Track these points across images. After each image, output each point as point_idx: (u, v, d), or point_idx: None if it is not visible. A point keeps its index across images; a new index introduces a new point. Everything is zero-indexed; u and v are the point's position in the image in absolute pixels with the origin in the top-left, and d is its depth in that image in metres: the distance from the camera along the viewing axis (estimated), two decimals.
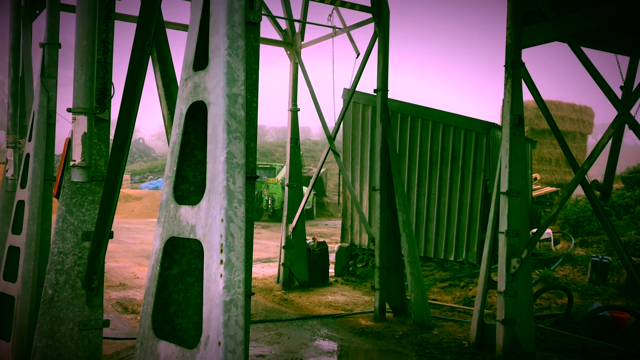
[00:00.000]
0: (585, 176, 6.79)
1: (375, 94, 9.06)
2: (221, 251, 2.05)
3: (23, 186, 6.21)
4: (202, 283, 2.60)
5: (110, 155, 3.90)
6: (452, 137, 11.70)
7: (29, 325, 5.71)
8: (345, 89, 12.85)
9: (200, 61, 2.47)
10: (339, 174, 14.41)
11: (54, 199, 6.56)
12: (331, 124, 10.61)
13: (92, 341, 4.63)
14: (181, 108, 2.46)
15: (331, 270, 12.41)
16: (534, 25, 7.54)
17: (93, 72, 4.29)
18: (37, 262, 5.94)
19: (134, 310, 8.95)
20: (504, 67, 7.03)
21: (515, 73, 6.96)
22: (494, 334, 7.06)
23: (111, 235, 4.49)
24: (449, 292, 10.60)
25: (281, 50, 11.68)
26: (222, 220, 2.07)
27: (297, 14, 11.46)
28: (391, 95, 9.25)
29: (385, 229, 8.92)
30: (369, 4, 9.25)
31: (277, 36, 11.61)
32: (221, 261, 2.03)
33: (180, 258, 2.60)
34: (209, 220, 2.13)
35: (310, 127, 79.79)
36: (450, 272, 11.37)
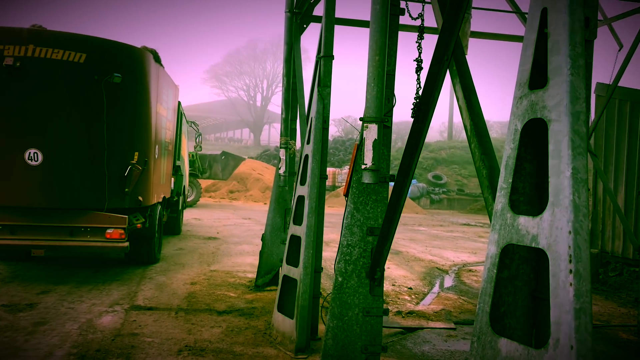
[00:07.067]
0: None
1: None
2: (570, 261, 2.19)
3: (302, 183, 7.03)
4: (529, 287, 2.79)
5: (401, 160, 4.28)
6: None
7: (309, 306, 6.49)
8: (598, 83, 11.93)
9: (533, 80, 2.63)
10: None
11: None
12: None
13: (374, 327, 5.11)
14: (515, 124, 2.65)
15: None
16: None
17: (383, 85, 4.73)
18: (314, 250, 6.70)
19: None
20: None
21: None
22: None
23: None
24: None
25: None
26: (569, 232, 2.21)
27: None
28: None
29: None
30: None
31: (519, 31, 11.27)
32: (570, 271, 2.17)
33: (510, 263, 2.80)
34: (554, 232, 2.28)
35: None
36: None
